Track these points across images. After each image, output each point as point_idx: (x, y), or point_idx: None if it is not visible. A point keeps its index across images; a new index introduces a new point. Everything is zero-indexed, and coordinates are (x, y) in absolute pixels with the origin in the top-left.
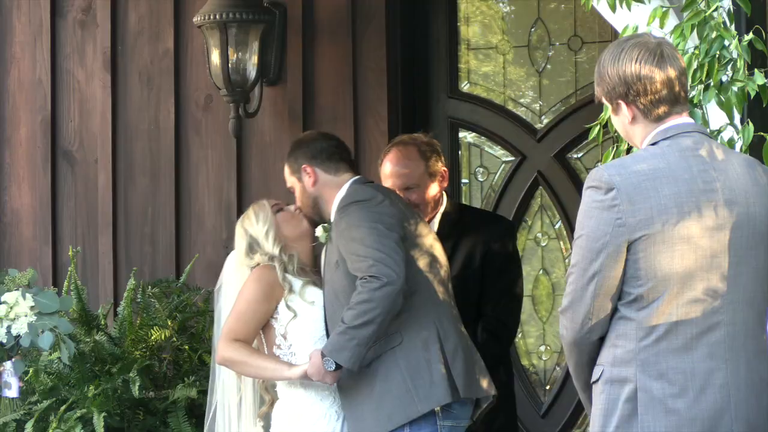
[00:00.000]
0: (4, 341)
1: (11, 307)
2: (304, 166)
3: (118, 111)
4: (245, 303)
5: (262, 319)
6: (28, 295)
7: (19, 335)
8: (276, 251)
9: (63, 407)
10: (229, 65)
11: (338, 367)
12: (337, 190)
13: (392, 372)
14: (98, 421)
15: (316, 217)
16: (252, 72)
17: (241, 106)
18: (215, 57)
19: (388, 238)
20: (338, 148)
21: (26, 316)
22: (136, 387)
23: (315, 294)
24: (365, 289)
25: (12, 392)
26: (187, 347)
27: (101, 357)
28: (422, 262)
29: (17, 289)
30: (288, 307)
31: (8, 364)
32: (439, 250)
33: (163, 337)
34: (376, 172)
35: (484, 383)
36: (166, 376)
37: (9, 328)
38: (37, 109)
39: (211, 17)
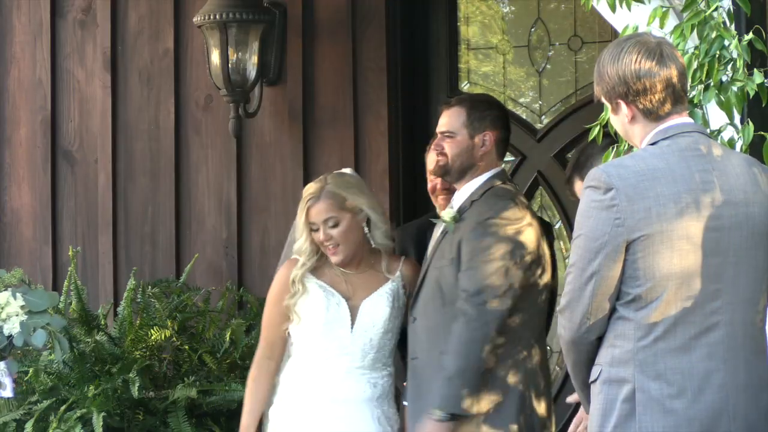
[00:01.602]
0: None
1: (2, 308)
2: (488, 132)
3: (118, 111)
4: (265, 308)
5: (280, 321)
6: (18, 295)
7: (11, 335)
8: (302, 246)
9: (63, 407)
10: (229, 65)
11: (452, 417)
12: (484, 172)
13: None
14: (98, 421)
15: (455, 177)
16: (252, 72)
17: (241, 106)
18: (215, 57)
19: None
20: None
21: (17, 315)
22: (136, 387)
23: (310, 308)
24: (460, 329)
25: (6, 392)
26: (187, 347)
27: (101, 357)
28: (538, 294)
29: (6, 290)
30: (293, 310)
31: (2, 365)
32: (548, 275)
33: (163, 337)
34: (376, 172)
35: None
36: (166, 376)
37: (1, 328)
38: (37, 109)
39: (211, 17)
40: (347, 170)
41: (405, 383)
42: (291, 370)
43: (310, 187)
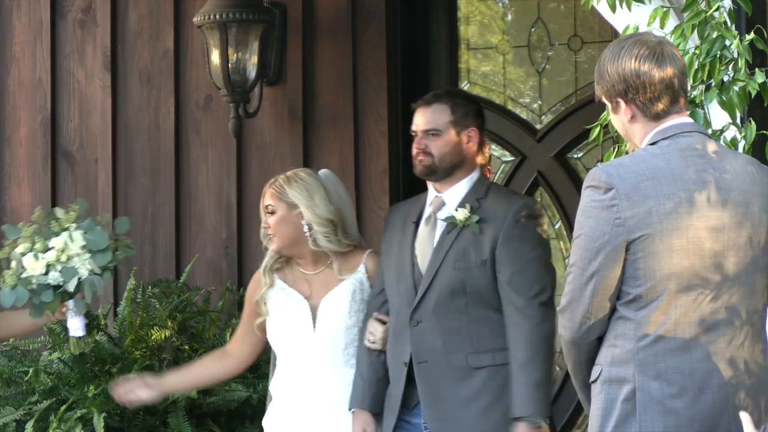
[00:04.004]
0: (61, 282)
1: (62, 251)
2: (473, 128)
3: (118, 111)
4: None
5: (251, 317)
6: (77, 235)
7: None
8: (262, 235)
9: (63, 407)
10: (229, 65)
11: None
12: (473, 169)
13: (504, 388)
14: (98, 421)
15: (442, 176)
16: (252, 72)
17: (241, 106)
18: (215, 57)
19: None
20: None
21: (79, 256)
22: None
23: (274, 309)
24: (531, 327)
25: (78, 331)
26: (187, 347)
27: (101, 357)
28: None
29: (64, 231)
30: (264, 305)
31: (70, 304)
32: None
33: (163, 337)
34: (376, 172)
35: None
36: None
37: (63, 269)
38: (37, 109)
39: (211, 17)
40: (322, 171)
41: None
42: (276, 377)
43: (272, 178)
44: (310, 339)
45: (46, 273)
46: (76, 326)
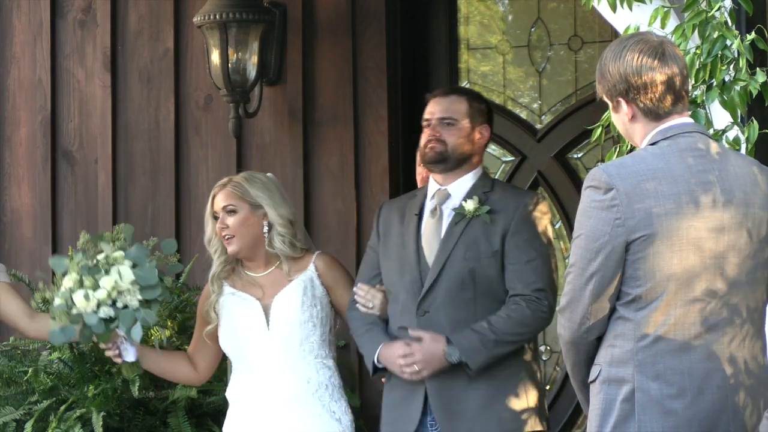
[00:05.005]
0: (112, 314)
1: (112, 289)
2: (486, 125)
3: (118, 111)
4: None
5: (201, 324)
6: (125, 270)
7: (127, 306)
8: (206, 241)
9: (63, 407)
10: (229, 65)
11: (458, 364)
12: (478, 165)
13: (532, 380)
14: (98, 421)
15: (451, 166)
16: (252, 72)
17: (241, 106)
18: (215, 57)
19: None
20: None
21: (129, 291)
22: (136, 387)
23: (226, 314)
24: (531, 312)
25: (130, 356)
26: (187, 347)
27: (101, 357)
28: None
29: (113, 266)
30: (213, 312)
31: (122, 331)
32: None
33: (162, 337)
34: (375, 172)
35: None
36: None
37: (115, 302)
38: (37, 109)
39: (211, 17)
40: (268, 174)
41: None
42: (231, 382)
43: (222, 180)
44: (265, 338)
45: (97, 309)
46: (127, 352)
